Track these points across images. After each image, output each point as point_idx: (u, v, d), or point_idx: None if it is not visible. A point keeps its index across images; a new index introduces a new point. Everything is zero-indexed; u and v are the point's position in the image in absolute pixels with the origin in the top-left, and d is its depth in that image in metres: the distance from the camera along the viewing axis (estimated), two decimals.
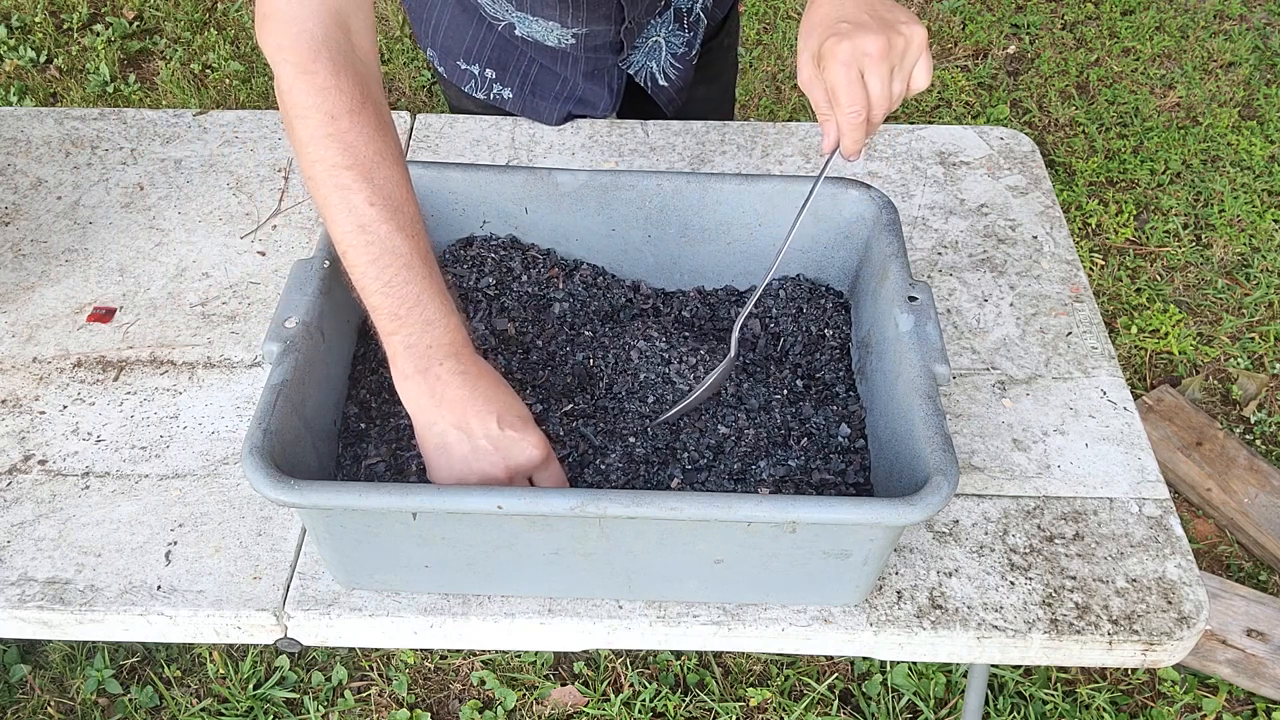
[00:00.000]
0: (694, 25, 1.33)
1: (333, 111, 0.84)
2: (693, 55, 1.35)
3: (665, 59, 1.33)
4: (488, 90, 1.37)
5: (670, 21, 1.31)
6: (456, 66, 1.36)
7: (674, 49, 1.33)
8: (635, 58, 1.33)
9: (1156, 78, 3.02)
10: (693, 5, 1.31)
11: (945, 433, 0.84)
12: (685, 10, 1.31)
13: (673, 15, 1.31)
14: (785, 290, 1.10)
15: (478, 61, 1.34)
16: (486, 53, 1.33)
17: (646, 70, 1.34)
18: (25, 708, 1.73)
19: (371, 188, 0.83)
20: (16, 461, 1.02)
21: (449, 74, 1.38)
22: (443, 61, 1.37)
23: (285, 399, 0.85)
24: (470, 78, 1.36)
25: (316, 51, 0.84)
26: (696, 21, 1.33)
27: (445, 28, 1.33)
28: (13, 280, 1.20)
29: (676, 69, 1.35)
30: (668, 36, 1.31)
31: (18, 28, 3.13)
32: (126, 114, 1.42)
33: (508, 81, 1.35)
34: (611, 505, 0.78)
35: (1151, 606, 0.94)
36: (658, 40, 1.31)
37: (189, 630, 0.94)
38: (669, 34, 1.31)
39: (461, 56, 1.35)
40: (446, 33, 1.33)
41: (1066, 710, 1.74)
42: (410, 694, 1.77)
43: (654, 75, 1.35)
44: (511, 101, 1.37)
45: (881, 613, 0.93)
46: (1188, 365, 2.29)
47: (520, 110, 1.38)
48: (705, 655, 1.81)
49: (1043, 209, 1.32)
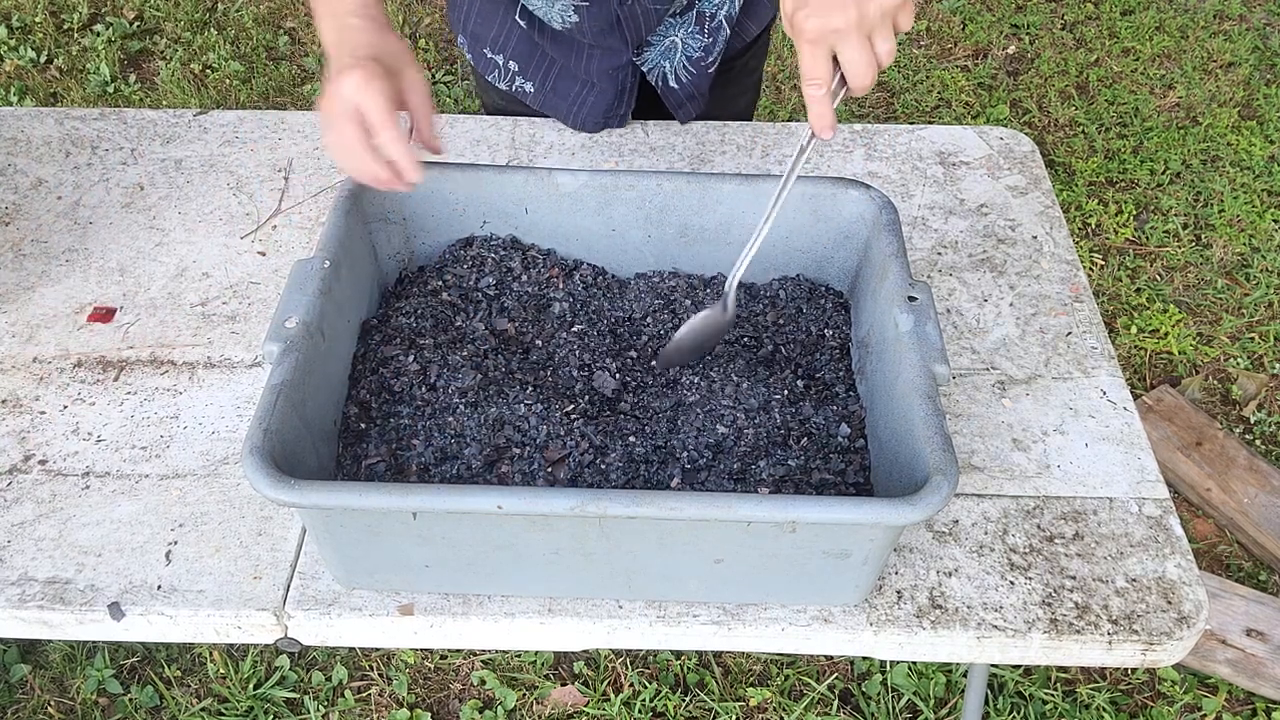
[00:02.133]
0: (715, 31, 1.32)
1: None
2: (710, 62, 1.34)
3: (680, 60, 1.32)
4: (510, 81, 1.38)
5: (691, 23, 1.30)
6: (483, 55, 1.38)
7: (690, 52, 1.32)
8: (650, 55, 1.32)
9: (1156, 78, 3.02)
10: (716, 11, 1.30)
11: (945, 433, 0.84)
12: (708, 15, 1.30)
13: (694, 17, 1.30)
14: (785, 290, 1.10)
15: (502, 52, 1.36)
16: (512, 44, 1.35)
17: (659, 70, 1.34)
18: (25, 708, 1.73)
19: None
20: (17, 461, 1.03)
21: (476, 61, 1.41)
22: (471, 48, 1.40)
23: (285, 399, 0.85)
24: (494, 67, 1.38)
25: None
26: (719, 28, 1.32)
27: (476, 13, 1.35)
28: (13, 280, 1.20)
29: (690, 73, 1.34)
30: (685, 39, 1.31)
31: (18, 28, 3.13)
32: (127, 114, 1.42)
33: (530, 75, 1.37)
34: (611, 505, 0.79)
35: (1151, 606, 0.94)
36: (675, 40, 1.31)
37: (189, 630, 0.94)
38: (688, 35, 1.31)
39: (488, 45, 1.37)
40: (477, 19, 1.35)
41: (1066, 710, 1.74)
42: (410, 694, 1.77)
43: (665, 75, 1.35)
44: (532, 96, 1.38)
45: (881, 612, 0.93)
46: (1187, 365, 2.29)
47: (540, 105, 1.39)
48: (705, 655, 1.81)
49: (1042, 209, 1.32)
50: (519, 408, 0.96)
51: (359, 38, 0.93)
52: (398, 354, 1.00)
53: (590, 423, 0.95)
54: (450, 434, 0.94)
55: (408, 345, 1.01)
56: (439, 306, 1.04)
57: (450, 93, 2.97)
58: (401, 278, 1.11)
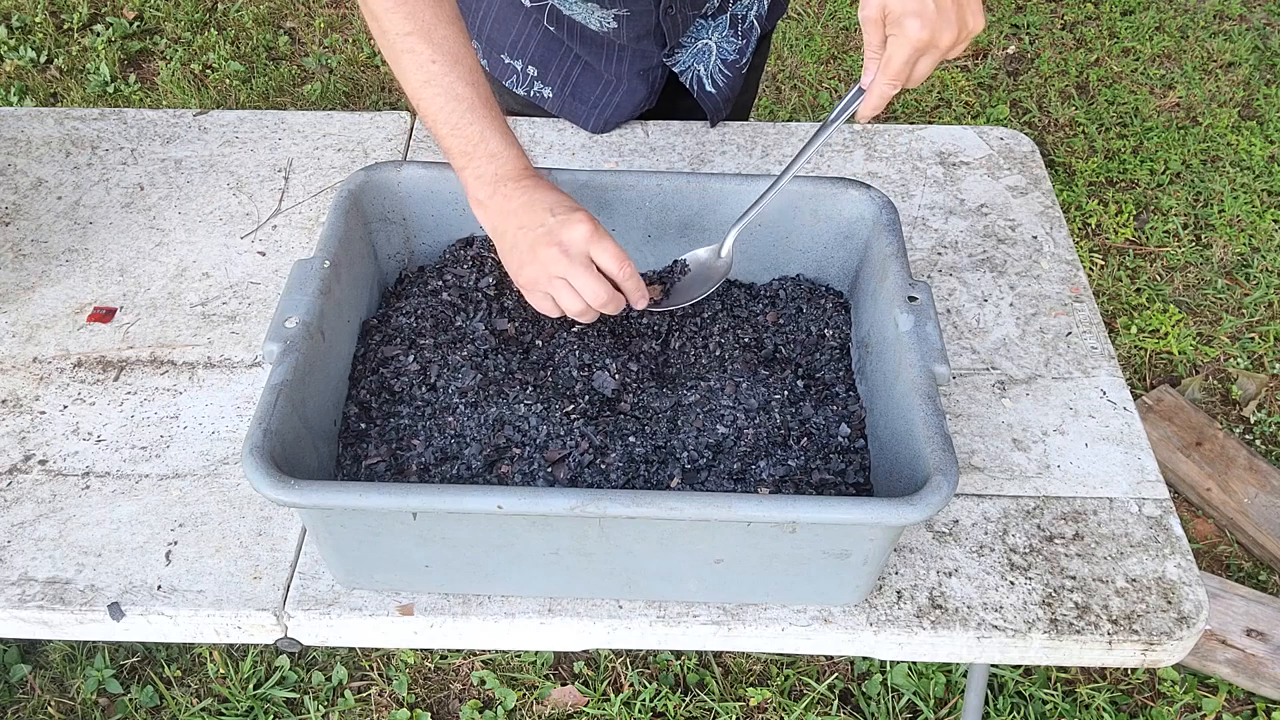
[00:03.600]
0: (748, 33, 1.32)
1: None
2: (743, 64, 1.34)
3: (715, 64, 1.32)
4: (528, 87, 1.37)
5: (725, 27, 1.30)
6: (500, 60, 1.36)
7: (725, 55, 1.32)
8: (682, 57, 1.32)
9: (1156, 78, 3.02)
10: (747, 12, 1.30)
11: (945, 433, 0.84)
12: (740, 17, 1.30)
13: (728, 21, 1.30)
14: (785, 290, 1.10)
15: (521, 57, 1.34)
16: (531, 49, 1.33)
17: (694, 73, 1.33)
18: (25, 708, 1.73)
19: (432, 46, 0.96)
20: (17, 461, 1.03)
21: (491, 67, 1.38)
22: (486, 54, 1.38)
23: (285, 399, 0.85)
24: (512, 73, 1.36)
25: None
26: (750, 29, 1.32)
27: (493, 19, 1.33)
28: (13, 280, 1.20)
29: (725, 76, 1.34)
30: (720, 42, 1.30)
31: (18, 28, 3.13)
32: (126, 114, 1.42)
33: (549, 81, 1.35)
34: (611, 505, 0.79)
35: (1151, 606, 0.94)
36: (708, 43, 1.30)
37: (189, 630, 0.94)
38: (722, 39, 1.30)
39: (506, 50, 1.35)
40: (494, 24, 1.33)
41: (1066, 710, 1.74)
42: (410, 694, 1.77)
43: (701, 80, 1.34)
44: (551, 101, 1.37)
45: (881, 612, 0.93)
46: (1187, 365, 2.29)
47: (559, 111, 1.38)
48: (705, 655, 1.81)
49: (1043, 209, 1.32)
50: (519, 408, 0.96)
51: (552, 194, 0.96)
52: (398, 354, 1.00)
53: (590, 423, 0.95)
54: (450, 434, 0.94)
55: (408, 345, 1.01)
56: (439, 306, 1.04)
57: None
58: (401, 278, 1.11)
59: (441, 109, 0.97)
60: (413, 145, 1.37)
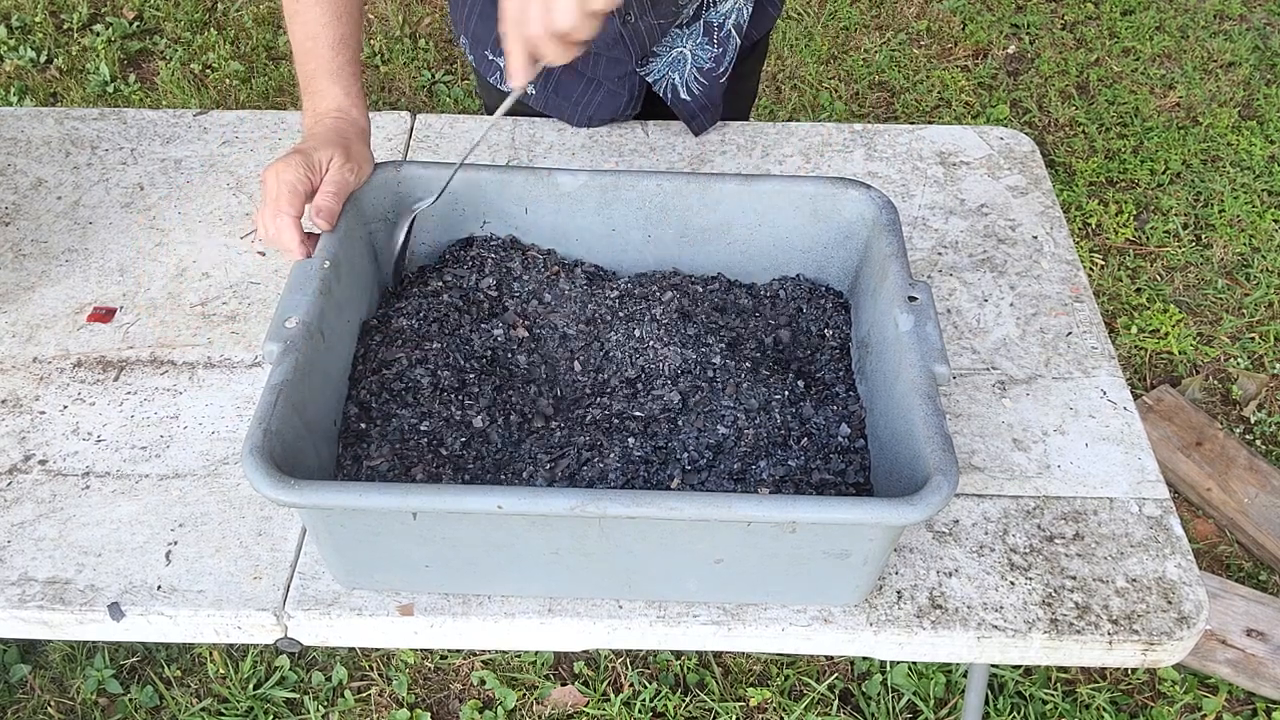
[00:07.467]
0: (724, 41, 1.31)
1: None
2: (721, 72, 1.34)
3: (690, 73, 1.32)
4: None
5: (699, 35, 1.30)
6: (484, 57, 1.36)
7: (700, 63, 1.31)
8: (655, 66, 1.32)
9: (1156, 78, 3.02)
10: (724, 21, 1.30)
11: (945, 433, 0.84)
12: (716, 25, 1.30)
13: (702, 29, 1.30)
14: (785, 290, 1.10)
15: (504, 54, 1.34)
16: None
17: (668, 81, 1.33)
18: (25, 708, 1.73)
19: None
20: (17, 461, 1.02)
21: (477, 63, 1.38)
22: (473, 50, 1.38)
23: (285, 399, 0.85)
24: (496, 69, 1.36)
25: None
26: (728, 38, 1.31)
27: (478, 16, 1.33)
28: (13, 280, 1.20)
29: (701, 85, 1.34)
30: (694, 50, 1.30)
31: (18, 28, 3.13)
32: (126, 114, 1.42)
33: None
34: (611, 505, 0.78)
35: (1151, 606, 0.94)
36: (683, 52, 1.30)
37: (189, 630, 0.94)
38: (696, 47, 1.30)
39: (489, 47, 1.35)
40: (478, 21, 1.33)
41: (1066, 710, 1.74)
42: (410, 694, 1.77)
43: (675, 88, 1.34)
44: (535, 98, 1.37)
45: (881, 613, 0.93)
46: (1188, 365, 2.29)
47: (543, 107, 1.38)
48: (705, 655, 1.81)
49: (1043, 209, 1.32)
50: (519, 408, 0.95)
51: (317, 130, 1.05)
52: (398, 354, 1.00)
53: (590, 423, 0.95)
54: (450, 434, 0.94)
55: (408, 346, 1.01)
56: (439, 307, 1.04)
57: (450, 93, 2.97)
58: (401, 278, 1.11)
59: (298, 41, 1.08)
60: (413, 145, 1.37)
